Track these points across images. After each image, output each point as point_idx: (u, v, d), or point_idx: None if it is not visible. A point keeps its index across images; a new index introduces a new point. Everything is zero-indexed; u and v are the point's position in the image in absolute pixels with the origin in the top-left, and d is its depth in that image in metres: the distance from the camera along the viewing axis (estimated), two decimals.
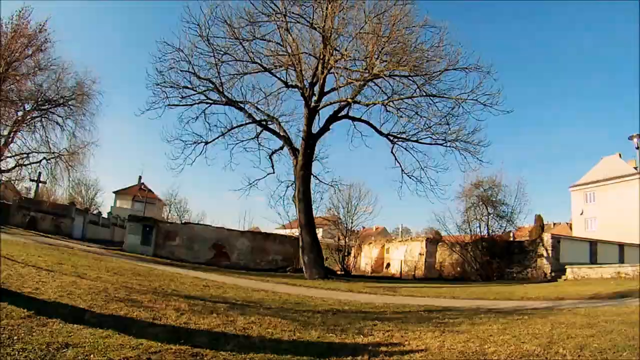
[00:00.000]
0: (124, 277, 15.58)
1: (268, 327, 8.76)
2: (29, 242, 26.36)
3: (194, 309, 9.93)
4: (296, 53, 29.64)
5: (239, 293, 15.31)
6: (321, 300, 15.14)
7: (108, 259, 23.79)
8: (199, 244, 39.39)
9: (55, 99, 42.19)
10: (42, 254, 18.86)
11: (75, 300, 9.16)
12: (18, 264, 13.79)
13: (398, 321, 10.90)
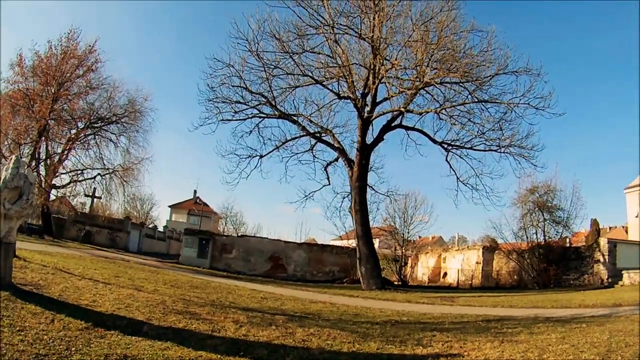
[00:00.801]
0: (181, 289, 15.77)
1: (327, 339, 8.73)
2: (84, 255, 26.72)
3: (252, 321, 9.94)
4: (346, 64, 29.64)
5: (296, 305, 15.34)
6: (379, 311, 15.03)
7: (164, 272, 24.23)
8: (255, 256, 39.68)
9: (107, 116, 43.28)
10: (98, 267, 19.16)
11: (133, 313, 9.23)
12: (75, 276, 13.90)
13: (457, 331, 10.78)
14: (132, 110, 44.00)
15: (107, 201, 47.35)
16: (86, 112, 41.70)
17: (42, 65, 37.77)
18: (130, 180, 43.91)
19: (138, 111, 44.24)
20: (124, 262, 26.43)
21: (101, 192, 45.14)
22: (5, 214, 9.33)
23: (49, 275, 12.63)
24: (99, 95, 42.54)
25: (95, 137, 43.08)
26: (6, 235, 9.39)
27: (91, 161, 42.94)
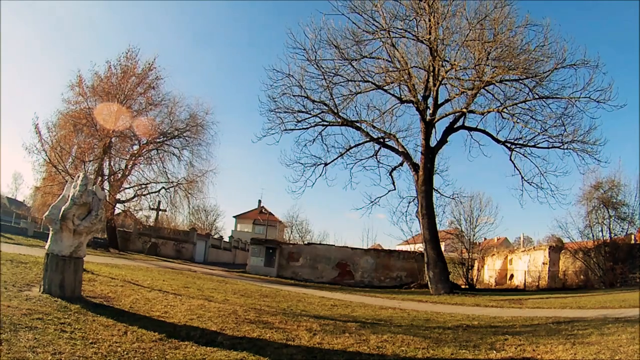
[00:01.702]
0: (252, 298, 15.95)
1: (401, 345, 8.72)
2: (151, 266, 27.32)
3: (325, 329, 9.98)
4: (405, 68, 29.54)
5: (367, 311, 15.34)
6: (449, 316, 14.97)
7: (233, 282, 24.52)
8: (322, 264, 39.85)
9: (169, 131, 44.21)
10: (166, 278, 19.57)
11: (206, 323, 9.34)
12: (144, 288, 14.22)
13: (528, 335, 10.66)
14: (194, 125, 44.82)
15: (172, 213, 47.90)
16: (148, 128, 42.56)
17: (103, 85, 38.88)
18: (194, 192, 44.75)
19: (200, 125, 45.02)
20: (191, 273, 27.03)
21: (166, 204, 45.89)
22: (74, 230, 9.68)
23: (118, 288, 13.01)
24: (160, 111, 43.71)
25: (158, 152, 44.13)
26: (76, 250, 9.75)
27: (155, 175, 44.07)
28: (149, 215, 51.12)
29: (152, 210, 48.41)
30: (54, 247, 9.61)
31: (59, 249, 9.57)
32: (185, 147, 45.02)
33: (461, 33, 28.03)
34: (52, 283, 9.38)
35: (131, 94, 40.13)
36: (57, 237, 9.69)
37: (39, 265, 14.09)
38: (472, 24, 27.04)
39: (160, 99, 43.03)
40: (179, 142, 44.90)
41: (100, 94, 38.62)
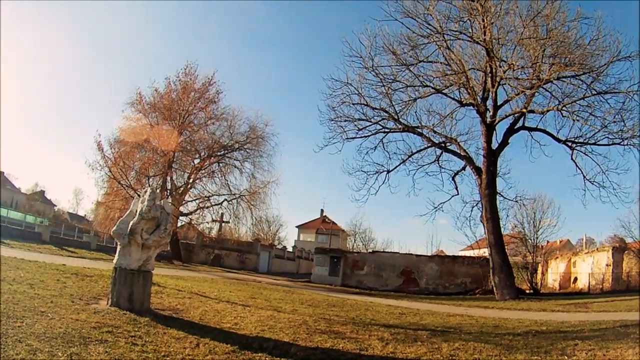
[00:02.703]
0: (320, 308, 15.94)
1: (474, 353, 8.70)
2: (216, 278, 27.55)
3: (397, 338, 9.91)
4: (463, 70, 29.36)
5: (435, 319, 15.23)
6: (517, 322, 14.74)
7: (299, 291, 24.55)
8: (387, 272, 39.68)
9: (229, 144, 44.91)
10: (233, 290, 19.74)
11: (278, 334, 9.35)
12: (212, 300, 14.35)
13: (597, 339, 10.49)
14: (254, 137, 45.47)
15: (235, 225, 48.72)
16: (208, 141, 43.53)
17: (163, 101, 39.98)
18: (257, 203, 45.13)
19: (260, 137, 45.62)
20: (256, 283, 27.26)
21: (229, 216, 46.42)
22: (143, 244, 9.88)
23: (186, 300, 13.19)
24: (220, 124, 44.47)
25: (220, 165, 44.94)
26: (145, 263, 9.96)
27: (217, 188, 44.77)
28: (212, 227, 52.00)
29: (215, 222, 49.36)
30: (122, 261, 9.85)
31: (127, 263, 9.80)
32: (247, 159, 45.75)
33: (515, 31, 27.78)
34: (121, 296, 9.59)
35: (192, 108, 41.15)
36: (125, 251, 9.93)
37: (105, 279, 14.50)
38: (526, 22, 26.75)
39: (220, 113, 43.84)
40: (240, 154, 45.67)
41: (160, 110, 39.63)
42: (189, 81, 40.91)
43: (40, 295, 9.67)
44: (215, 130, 44.80)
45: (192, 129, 41.82)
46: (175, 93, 40.68)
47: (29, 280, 11.52)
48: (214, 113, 43.23)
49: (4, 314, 7.10)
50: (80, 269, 17.38)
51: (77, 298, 10.19)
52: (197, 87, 41.22)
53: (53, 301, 9.16)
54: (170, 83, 40.80)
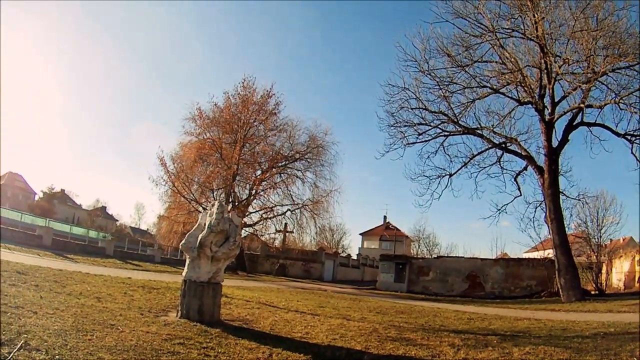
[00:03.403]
0: (388, 315, 15.91)
1: (544, 357, 8.60)
2: (282, 287, 27.88)
3: (467, 343, 9.85)
4: (518, 68, 29.01)
5: (503, 324, 15.05)
6: (585, 324, 14.51)
7: (365, 299, 24.59)
8: (452, 277, 39.45)
9: (290, 155, 45.32)
10: (300, 299, 19.84)
11: (350, 342, 9.32)
12: (281, 309, 14.40)
13: None
14: (314, 146, 45.84)
15: (299, 234, 48.81)
16: (269, 153, 43.96)
17: (224, 115, 40.69)
18: (320, 212, 45.25)
19: (320, 146, 45.96)
20: (322, 292, 27.41)
21: (292, 226, 46.76)
22: (212, 256, 10.04)
23: (255, 310, 13.24)
24: (279, 135, 45.06)
25: (281, 175, 45.30)
26: (214, 275, 10.10)
27: (280, 198, 45.13)
28: (276, 237, 52.63)
29: (279, 232, 49.64)
30: (192, 273, 10.05)
31: (197, 275, 9.98)
32: (308, 168, 46.15)
33: (567, 25, 27.34)
34: (191, 308, 9.73)
35: (252, 121, 41.61)
36: (194, 264, 10.12)
37: (171, 291, 14.81)
38: (576, 14, 26.28)
39: (280, 124, 44.42)
40: (301, 164, 46.08)
41: (221, 124, 40.35)
42: (248, 94, 41.43)
43: (108, 308, 9.86)
44: (275, 141, 45.49)
45: (255, 141, 42.54)
46: (235, 107, 41.35)
47: (96, 294, 11.81)
48: (274, 124, 43.95)
49: (73, 327, 7.26)
50: (146, 281, 17.86)
51: (146, 310, 10.41)
52: (256, 100, 41.72)
53: (122, 314, 9.34)
54: (229, 97, 41.51)
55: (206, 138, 40.65)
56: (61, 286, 12.08)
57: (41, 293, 10.23)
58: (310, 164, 45.90)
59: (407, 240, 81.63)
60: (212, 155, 39.50)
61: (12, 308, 7.77)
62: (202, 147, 39.54)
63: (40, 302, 9.05)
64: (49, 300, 9.40)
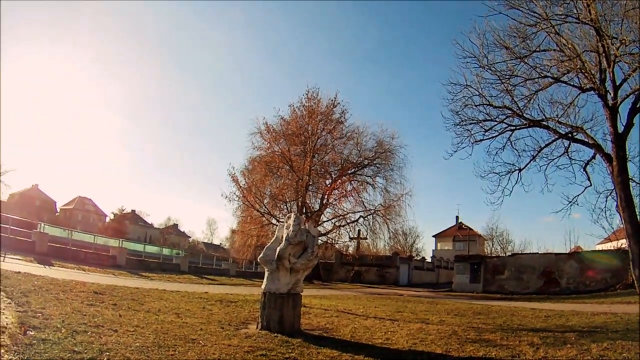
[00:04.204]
0: (466, 317, 15.81)
1: (622, 352, 8.50)
2: (358, 294, 27.94)
3: (546, 342, 9.74)
4: (576, 54, 28.37)
5: (581, 319, 14.85)
6: None
7: (442, 302, 24.46)
8: (527, 274, 38.84)
9: (359, 162, 45.34)
10: (377, 305, 19.89)
11: (430, 346, 9.30)
12: (359, 316, 14.42)
13: None
14: (382, 151, 45.75)
15: (373, 240, 48.39)
16: (338, 161, 44.28)
17: (291, 127, 41.16)
18: (392, 217, 45.05)
19: (388, 150, 45.85)
20: (398, 297, 27.40)
21: (365, 232, 46.52)
22: (291, 268, 10.20)
23: (334, 318, 13.34)
24: (347, 143, 45.13)
25: (352, 183, 45.15)
26: (294, 286, 10.26)
27: (352, 205, 44.70)
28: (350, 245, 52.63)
29: (353, 239, 49.52)
30: (271, 285, 10.18)
31: (276, 287, 10.10)
32: (377, 174, 46.15)
33: (619, 4, 26.35)
34: (271, 319, 9.84)
35: (320, 132, 41.90)
36: (273, 277, 10.25)
37: (249, 303, 15.05)
38: None
39: (347, 132, 44.58)
40: (371, 170, 46.16)
41: (289, 136, 40.89)
42: (313, 105, 41.70)
43: (188, 323, 10.02)
44: (343, 149, 45.67)
45: (324, 151, 42.78)
46: (302, 118, 41.69)
47: (175, 310, 12.05)
48: (342, 133, 44.19)
49: (154, 344, 7.40)
50: (223, 295, 18.10)
51: (226, 324, 10.55)
52: (322, 110, 41.96)
53: (202, 328, 9.49)
54: (294, 109, 42.01)
55: (275, 151, 40.98)
56: (139, 304, 12.37)
57: (120, 311, 10.47)
58: (380, 169, 45.97)
59: (480, 239, 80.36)
60: (282, 168, 39.94)
61: (92, 327, 7.97)
62: (272, 160, 40.03)
63: (120, 320, 9.26)
64: (128, 318, 9.62)
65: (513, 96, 30.52)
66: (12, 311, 8.13)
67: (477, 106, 31.01)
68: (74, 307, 9.90)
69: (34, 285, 12.20)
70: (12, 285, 11.31)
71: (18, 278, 13.11)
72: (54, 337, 6.78)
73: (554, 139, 31.60)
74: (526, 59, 29.31)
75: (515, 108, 30.55)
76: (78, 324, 8.05)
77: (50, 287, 12.39)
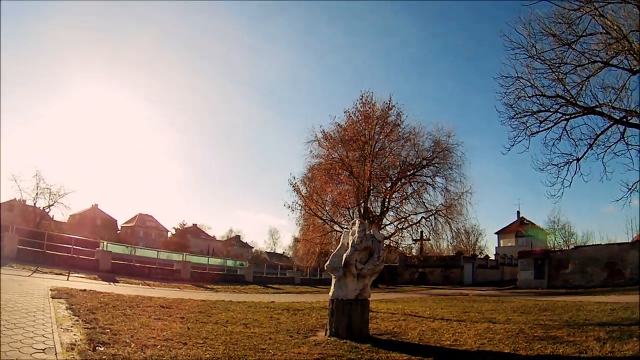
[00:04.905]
0: (532, 315, 15.63)
1: None
2: (423, 296, 28.04)
3: (612, 336, 9.62)
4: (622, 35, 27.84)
5: None
6: None
7: (507, 299, 24.27)
8: (591, 267, 38.17)
9: (416, 162, 44.89)
10: (443, 306, 19.85)
11: (498, 346, 9.25)
12: (426, 319, 14.35)
13: None
14: (439, 150, 45.26)
15: (436, 241, 47.10)
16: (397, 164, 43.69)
17: (348, 133, 40.50)
18: (454, 216, 43.99)
19: (445, 149, 45.24)
20: (464, 297, 27.37)
21: (428, 233, 45.54)
22: (358, 274, 10.24)
23: (401, 322, 13.27)
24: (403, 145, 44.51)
25: (412, 184, 44.69)
26: (361, 292, 10.28)
27: (413, 207, 44.25)
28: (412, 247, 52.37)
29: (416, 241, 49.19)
30: (339, 292, 10.23)
31: (344, 294, 10.15)
32: (437, 174, 45.49)
33: None
34: (339, 326, 9.89)
35: (378, 136, 41.36)
36: (340, 283, 10.31)
37: (316, 311, 15.09)
38: None
39: (404, 134, 43.98)
40: (430, 170, 45.55)
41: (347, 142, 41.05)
42: (369, 110, 40.68)
43: (257, 333, 10.07)
44: (401, 151, 45.07)
45: (383, 155, 42.67)
46: (358, 124, 40.95)
47: (243, 320, 12.12)
48: (399, 135, 43.43)
49: (224, 355, 7.51)
50: (289, 304, 18.23)
51: (294, 332, 10.60)
52: (378, 114, 41.13)
53: (271, 337, 9.55)
54: (350, 115, 41.17)
55: (334, 158, 41.16)
56: (206, 316, 12.52)
57: (188, 324, 10.63)
58: (439, 169, 45.17)
59: (542, 233, 78.54)
60: (341, 174, 40.03)
61: (161, 341, 8.12)
62: (331, 167, 40.13)
63: (188, 333, 9.42)
64: (197, 331, 9.76)
65: (565, 84, 29.94)
66: (80, 328, 8.35)
67: (530, 97, 30.49)
68: (141, 321, 10.12)
69: (100, 302, 12.48)
70: (78, 303, 11.58)
71: (84, 296, 13.38)
72: (124, 352, 6.97)
73: (609, 125, 30.97)
74: (574, 45, 28.79)
75: (568, 96, 29.97)
76: (147, 338, 8.24)
77: (117, 303, 12.65)
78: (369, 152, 39.12)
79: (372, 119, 40.12)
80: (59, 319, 9.03)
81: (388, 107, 40.95)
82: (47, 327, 7.92)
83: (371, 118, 40.08)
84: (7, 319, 7.99)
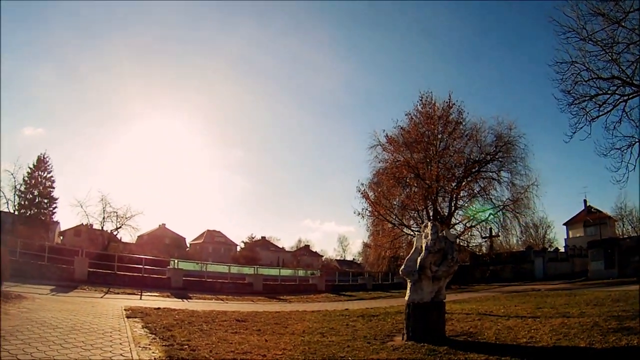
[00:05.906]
0: (605, 306, 15.36)
1: None
2: (496, 294, 27.65)
3: None
4: None
5: None
6: None
7: (579, 292, 23.82)
8: None
9: (480, 158, 44.36)
10: (517, 303, 19.54)
11: (573, 340, 9.17)
12: (500, 317, 14.15)
13: None
14: (502, 144, 44.64)
15: (505, 237, 46.96)
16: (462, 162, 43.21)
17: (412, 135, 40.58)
18: (522, 210, 43.73)
19: (508, 143, 44.59)
20: (536, 292, 26.84)
21: (497, 230, 45.22)
22: (433, 276, 10.25)
23: (476, 322, 13.17)
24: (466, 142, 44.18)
25: (478, 181, 44.48)
26: (437, 294, 10.29)
27: (480, 204, 43.99)
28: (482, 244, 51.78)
29: (485, 238, 48.65)
30: (414, 296, 10.24)
31: (420, 297, 10.15)
32: (501, 168, 44.90)
33: None
34: (416, 330, 9.87)
35: (441, 135, 41.56)
36: (416, 287, 10.31)
37: (391, 315, 15.09)
38: None
39: (466, 131, 43.75)
40: (494, 165, 45.04)
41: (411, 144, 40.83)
42: (429, 110, 41.31)
43: (334, 341, 10.09)
44: (464, 148, 44.68)
45: (447, 154, 42.48)
46: (421, 125, 41.28)
47: (319, 330, 12.18)
48: (462, 133, 43.28)
49: None
50: (364, 310, 18.24)
51: (372, 338, 10.58)
52: (439, 114, 41.41)
53: (349, 345, 9.57)
54: (412, 117, 41.49)
55: (399, 161, 41.22)
56: (282, 327, 12.63)
57: (265, 336, 10.75)
58: (503, 163, 44.39)
59: (610, 220, 76.12)
60: (407, 177, 40.06)
61: (240, 354, 8.27)
62: (397, 170, 40.14)
63: (266, 345, 9.52)
64: (274, 342, 9.86)
65: (619, 64, 29.36)
66: (158, 346, 8.61)
67: (587, 81, 29.95)
68: (219, 336, 10.25)
69: (175, 319, 12.70)
70: (153, 321, 11.84)
71: (159, 314, 13.64)
72: None
73: None
74: (623, 22, 28.28)
75: (624, 76, 29.37)
76: (225, 352, 8.40)
77: (192, 319, 12.86)
78: (433, 153, 39.20)
79: (434, 119, 40.16)
80: (136, 337, 9.33)
81: (448, 106, 40.86)
82: (124, 346, 8.20)
83: (433, 118, 40.09)
84: (84, 340, 8.28)
